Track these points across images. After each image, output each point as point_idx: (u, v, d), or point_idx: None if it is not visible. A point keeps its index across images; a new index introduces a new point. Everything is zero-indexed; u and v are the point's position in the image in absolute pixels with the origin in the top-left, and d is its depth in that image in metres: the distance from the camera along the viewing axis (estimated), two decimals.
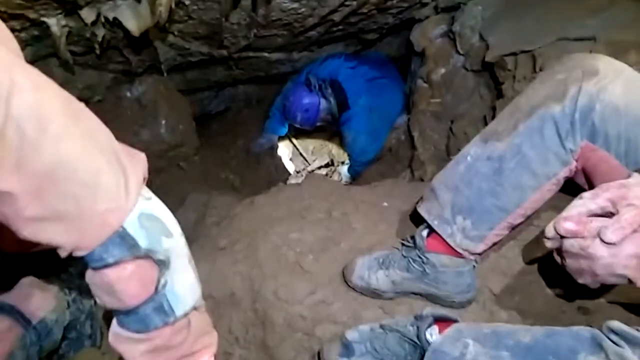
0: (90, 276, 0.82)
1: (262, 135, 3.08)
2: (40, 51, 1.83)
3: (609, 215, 0.88)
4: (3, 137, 0.64)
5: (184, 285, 0.91)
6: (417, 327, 1.13)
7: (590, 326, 1.06)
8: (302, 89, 2.74)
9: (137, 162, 0.83)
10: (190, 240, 1.94)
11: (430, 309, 1.19)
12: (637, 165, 1.01)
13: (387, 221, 1.60)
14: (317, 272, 1.47)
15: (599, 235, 0.86)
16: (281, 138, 3.23)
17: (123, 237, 0.78)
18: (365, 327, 1.22)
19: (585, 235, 0.88)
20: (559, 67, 1.14)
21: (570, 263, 0.91)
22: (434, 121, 2.46)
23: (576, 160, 1.09)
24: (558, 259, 0.96)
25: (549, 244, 0.95)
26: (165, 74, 2.48)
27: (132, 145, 2.30)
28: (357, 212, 1.64)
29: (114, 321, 0.91)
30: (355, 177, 2.77)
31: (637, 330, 0.85)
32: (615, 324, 0.87)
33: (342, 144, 3.16)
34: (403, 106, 2.81)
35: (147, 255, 0.82)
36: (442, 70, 2.36)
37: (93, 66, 2.17)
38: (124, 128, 2.38)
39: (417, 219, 1.46)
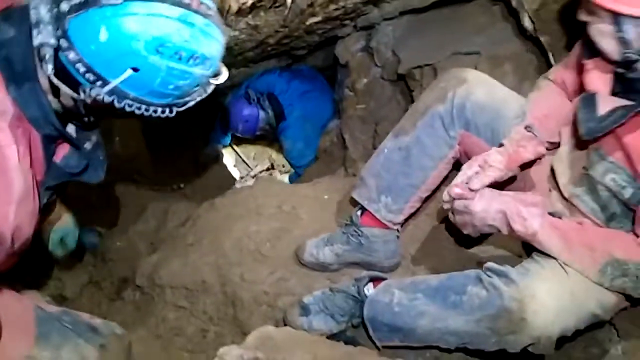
0: None
1: (207, 146, 3.33)
2: None
3: None
4: None
5: None
6: (357, 286, 1.48)
7: None
8: (242, 101, 3.03)
9: None
10: (157, 242, 2.20)
11: (366, 272, 1.55)
12: None
13: (328, 210, 1.95)
14: (275, 256, 1.79)
15: (468, 186, 1.26)
16: (225, 147, 3.48)
17: None
18: (318, 292, 1.55)
19: (468, 197, 1.27)
20: (441, 78, 1.57)
21: (458, 219, 1.31)
22: (361, 124, 2.81)
23: (459, 145, 1.50)
24: (452, 217, 1.35)
25: (445, 206, 1.34)
26: None
27: None
28: (303, 205, 1.97)
29: None
30: (297, 179, 3.09)
31: (502, 266, 1.24)
32: (489, 264, 1.26)
33: (281, 150, 3.47)
34: (333, 112, 3.17)
35: None
36: (364, 80, 2.73)
37: None
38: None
39: (352, 204, 1.82)
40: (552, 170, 1.40)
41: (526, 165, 1.38)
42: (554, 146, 1.39)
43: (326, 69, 3.43)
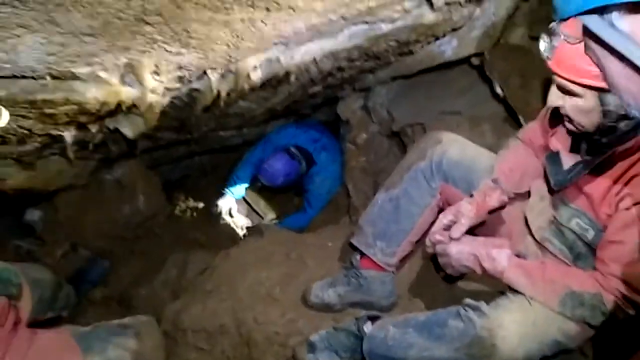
0: None
1: (220, 198, 3.58)
2: (46, 152, 2.31)
3: None
4: None
5: None
6: (358, 325, 1.69)
7: None
8: (283, 157, 3.21)
9: None
10: (178, 289, 2.41)
11: (366, 312, 1.76)
12: None
13: (331, 257, 2.17)
14: (284, 299, 2.00)
15: (450, 236, 1.49)
16: (237, 199, 3.72)
17: None
18: (323, 331, 1.76)
19: (446, 242, 1.50)
20: (422, 140, 1.85)
21: (440, 260, 1.54)
22: (363, 175, 3.06)
23: (440, 195, 1.73)
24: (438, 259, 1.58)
25: (429, 250, 1.57)
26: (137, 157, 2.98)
27: (115, 219, 2.84)
28: (309, 252, 2.20)
29: None
30: (305, 225, 3.28)
31: (478, 302, 1.45)
32: (467, 300, 1.48)
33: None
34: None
35: None
36: (364, 136, 3.00)
37: (80, 157, 2.64)
38: (108, 206, 2.84)
39: (353, 249, 2.04)
40: (526, 219, 1.63)
41: (495, 211, 1.62)
42: (521, 196, 1.62)
43: (330, 123, 3.73)
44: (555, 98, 1.32)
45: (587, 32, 0.59)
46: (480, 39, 2.11)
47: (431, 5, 1.67)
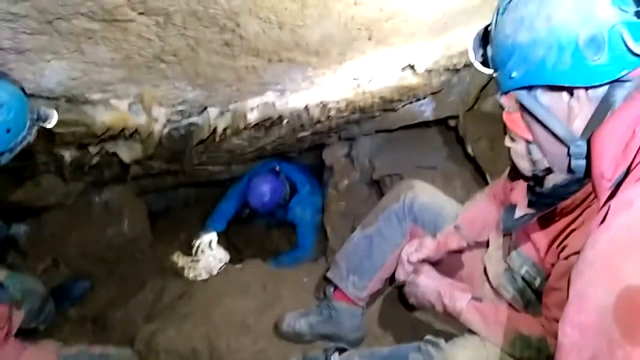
0: None
1: (202, 230, 3.67)
2: (43, 169, 2.42)
3: None
4: None
5: None
6: (326, 355, 1.79)
7: None
8: (269, 176, 3.32)
9: None
10: (153, 314, 2.47)
11: (334, 344, 1.86)
12: None
13: (306, 291, 2.29)
14: (258, 329, 2.09)
15: (408, 260, 1.64)
16: (218, 232, 3.81)
17: None
18: (293, 359, 1.85)
19: (416, 273, 1.64)
20: (396, 186, 2.02)
21: (407, 289, 1.67)
22: (342, 219, 3.21)
23: (410, 236, 1.89)
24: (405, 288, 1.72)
25: (400, 278, 1.71)
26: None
27: (98, 240, 2.91)
28: (285, 286, 2.31)
29: None
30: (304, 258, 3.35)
31: (437, 339, 1.58)
32: (428, 337, 1.60)
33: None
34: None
35: None
36: (346, 182, 3.18)
37: (73, 178, 2.74)
38: (93, 226, 2.93)
39: (327, 282, 2.15)
40: (485, 267, 1.79)
41: (454, 253, 1.81)
42: (480, 245, 1.79)
43: (314, 167, 3.90)
44: (506, 140, 1.52)
45: (520, 104, 0.78)
46: (456, 104, 2.34)
47: (413, 70, 1.88)
